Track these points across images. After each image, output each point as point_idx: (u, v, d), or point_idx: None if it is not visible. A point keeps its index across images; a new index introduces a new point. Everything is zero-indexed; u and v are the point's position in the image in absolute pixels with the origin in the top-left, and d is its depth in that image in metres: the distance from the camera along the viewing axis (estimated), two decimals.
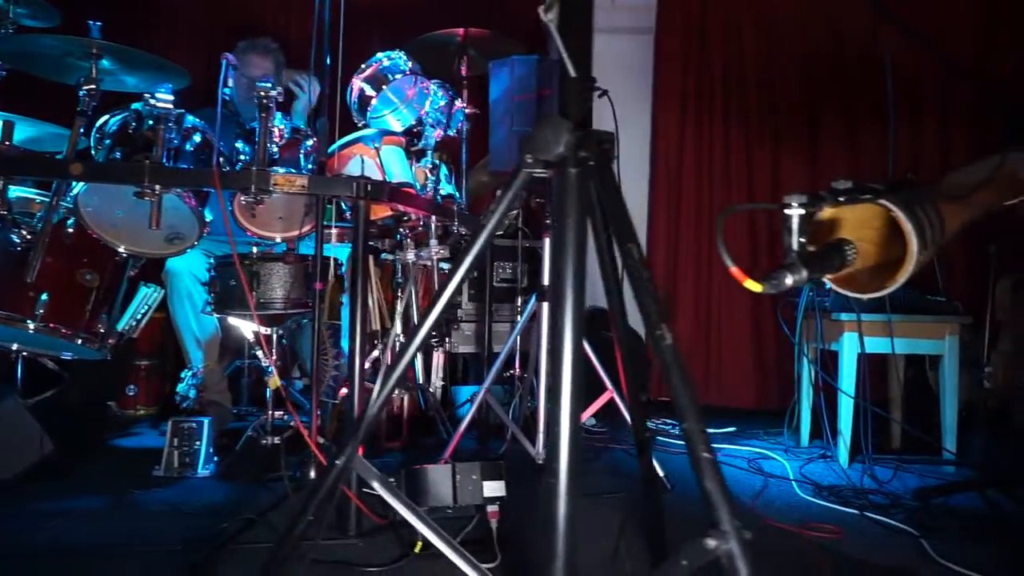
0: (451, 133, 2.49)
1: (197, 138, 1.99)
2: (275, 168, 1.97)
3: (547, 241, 2.51)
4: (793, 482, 2.49)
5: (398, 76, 2.27)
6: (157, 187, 1.75)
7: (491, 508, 1.79)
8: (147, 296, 2.56)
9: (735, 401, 3.93)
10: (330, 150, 2.29)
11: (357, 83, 2.26)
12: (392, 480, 1.81)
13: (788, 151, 3.95)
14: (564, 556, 1.05)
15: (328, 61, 1.92)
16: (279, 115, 1.98)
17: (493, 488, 1.74)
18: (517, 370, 3.11)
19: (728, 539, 0.88)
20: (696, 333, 4.01)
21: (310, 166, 2.04)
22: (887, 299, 2.57)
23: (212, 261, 2.35)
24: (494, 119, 2.44)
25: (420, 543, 1.71)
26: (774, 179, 3.95)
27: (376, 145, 2.20)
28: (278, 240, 2.17)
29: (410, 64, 2.31)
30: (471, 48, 2.71)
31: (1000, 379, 2.42)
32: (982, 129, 3.61)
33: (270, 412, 2.37)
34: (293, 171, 1.87)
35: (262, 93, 1.85)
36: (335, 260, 2.43)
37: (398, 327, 2.84)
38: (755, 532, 1.99)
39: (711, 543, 0.88)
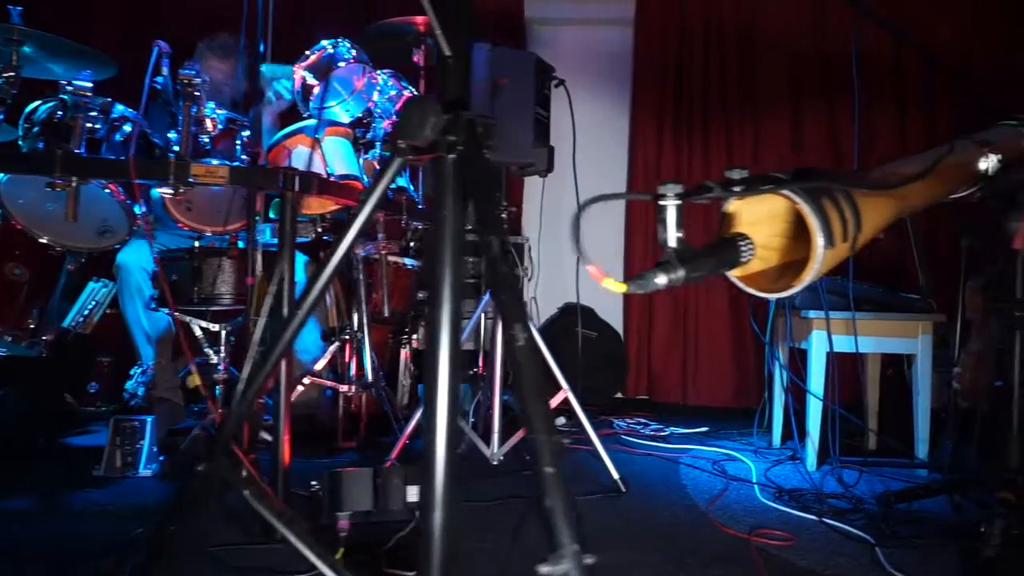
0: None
1: (128, 128, 1.92)
2: (208, 159, 1.91)
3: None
4: (755, 485, 2.41)
5: (342, 65, 2.19)
6: (74, 178, 1.69)
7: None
8: (95, 292, 2.51)
9: (713, 400, 3.85)
10: (272, 141, 2.22)
11: (299, 72, 2.19)
12: (315, 484, 1.77)
13: (769, 148, 3.86)
14: (440, 569, 0.98)
15: (263, 49, 1.85)
16: (211, 104, 1.91)
17: (416, 493, 1.67)
18: (480, 368, 3.03)
19: (564, 563, 0.80)
20: (674, 332, 3.92)
21: (244, 157, 1.97)
22: (852, 296, 2.47)
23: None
24: None
25: (343, 549, 1.64)
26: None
27: (318, 136, 2.13)
28: (208, 233, 2.11)
29: (354, 52, 2.23)
30: (429, 37, 2.63)
31: (968, 380, 2.33)
32: (961, 120, 3.51)
33: (218, 411, 2.31)
34: (221, 163, 1.79)
35: (185, 81, 1.78)
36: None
37: (355, 323, 2.78)
38: (703, 538, 1.93)
39: (545, 569, 0.79)
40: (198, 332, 2.42)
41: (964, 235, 2.28)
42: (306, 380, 2.73)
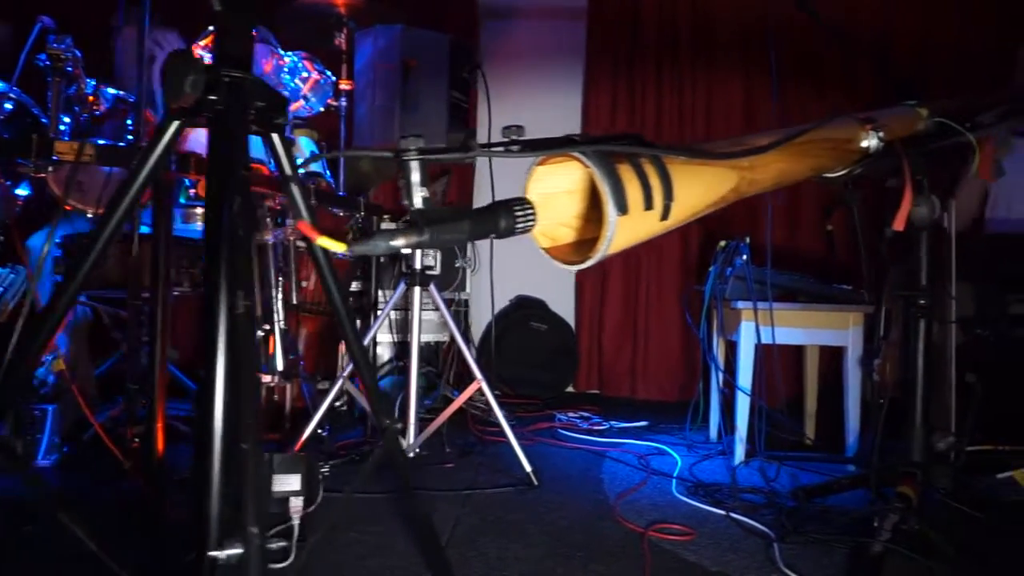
0: (313, 107, 2.35)
1: (8, 106, 1.87)
2: (96, 139, 1.85)
3: None
4: (674, 480, 2.35)
5: None
6: None
7: (294, 504, 1.66)
8: (2, 278, 2.45)
9: (662, 394, 3.78)
10: None
11: (196, 52, 2.13)
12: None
13: (721, 130, 3.78)
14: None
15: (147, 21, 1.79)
16: (92, 81, 1.85)
17: (285, 482, 1.60)
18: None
19: (237, 546, 0.74)
20: (624, 326, 3.86)
21: (130, 137, 1.92)
22: (786, 287, 2.41)
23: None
24: (358, 92, 2.31)
25: None
26: None
27: None
28: (89, 215, 2.05)
29: (253, 32, 2.16)
30: (351, 19, 2.56)
31: (887, 372, 2.26)
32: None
33: (129, 402, 2.26)
34: (93, 141, 1.74)
35: (55, 56, 1.72)
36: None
37: (279, 313, 2.72)
38: (599, 533, 1.87)
39: (215, 553, 0.73)
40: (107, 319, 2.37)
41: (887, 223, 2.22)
42: None
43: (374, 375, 1.26)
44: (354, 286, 3.13)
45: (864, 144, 1.47)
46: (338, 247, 0.70)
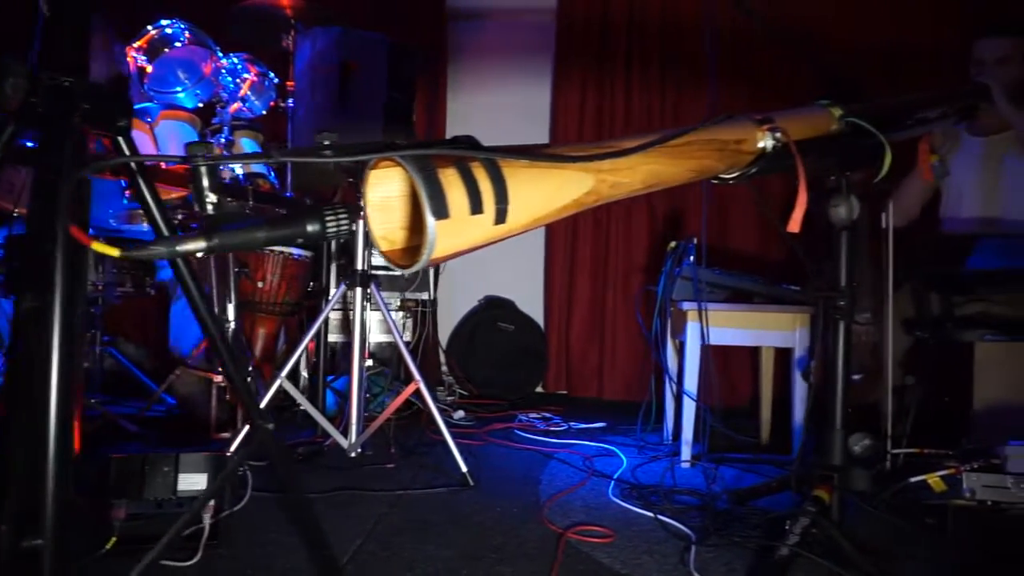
0: (255, 108, 2.36)
1: None
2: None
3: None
4: (613, 481, 2.34)
5: (178, 45, 2.15)
6: None
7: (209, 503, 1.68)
8: None
9: (628, 395, 3.76)
10: None
11: (131, 54, 2.15)
12: None
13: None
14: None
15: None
16: None
17: (191, 482, 1.62)
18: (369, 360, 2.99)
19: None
20: (592, 326, 3.85)
21: None
22: (713, 287, 2.40)
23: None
24: (298, 94, 2.32)
25: (114, 539, 1.60)
26: None
27: (150, 120, 2.09)
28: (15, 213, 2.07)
29: (188, 35, 2.18)
30: (298, 21, 2.57)
31: (819, 373, 2.24)
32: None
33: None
34: None
35: None
36: None
37: (231, 314, 2.74)
38: (519, 534, 1.86)
39: None
40: None
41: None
42: (177, 371, 2.70)
43: (244, 373, 1.27)
44: (311, 285, 3.15)
45: (761, 144, 1.46)
46: (111, 251, 0.71)
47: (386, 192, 1.00)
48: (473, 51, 4.05)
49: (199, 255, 0.75)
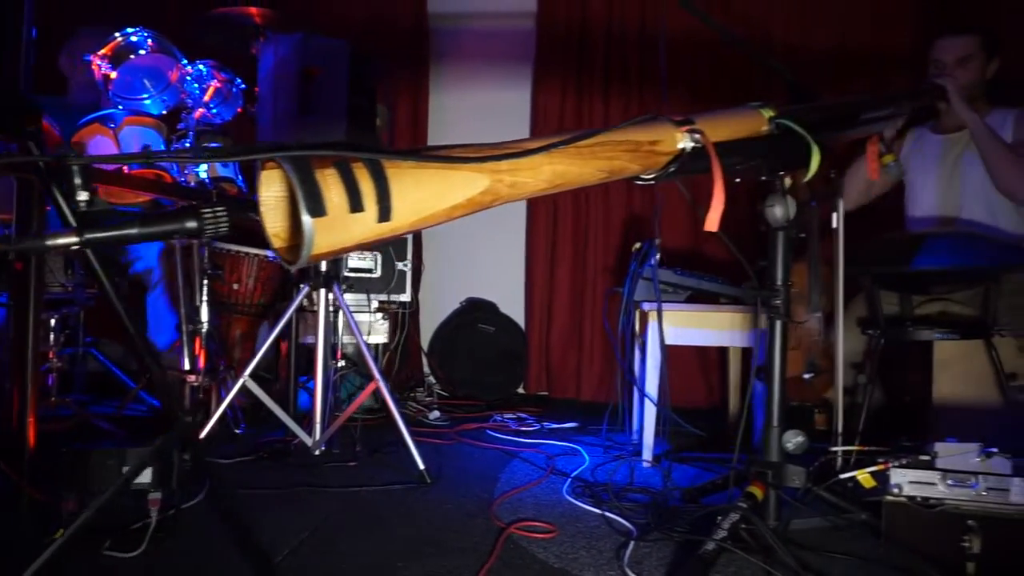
0: (220, 114, 2.42)
1: None
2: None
3: None
4: (570, 479, 2.37)
5: (142, 53, 2.21)
6: None
7: (152, 496, 1.73)
8: None
9: (608, 396, 3.77)
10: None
11: (95, 61, 2.21)
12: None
13: None
14: None
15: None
16: None
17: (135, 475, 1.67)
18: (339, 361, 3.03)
19: None
20: (571, 327, 3.87)
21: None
22: (666, 287, 2.42)
23: None
24: (261, 100, 2.37)
25: (61, 530, 1.65)
26: None
27: (114, 125, 2.15)
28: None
29: (151, 42, 2.25)
30: (267, 29, 2.63)
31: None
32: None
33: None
34: None
35: None
36: None
37: (204, 314, 2.79)
38: (463, 530, 1.90)
39: None
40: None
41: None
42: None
43: (164, 371, 1.31)
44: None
45: (680, 145, 1.49)
46: None
47: (276, 192, 1.04)
48: (455, 54, 4.10)
49: (73, 248, 0.80)
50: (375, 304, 3.48)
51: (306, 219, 0.95)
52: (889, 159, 2.20)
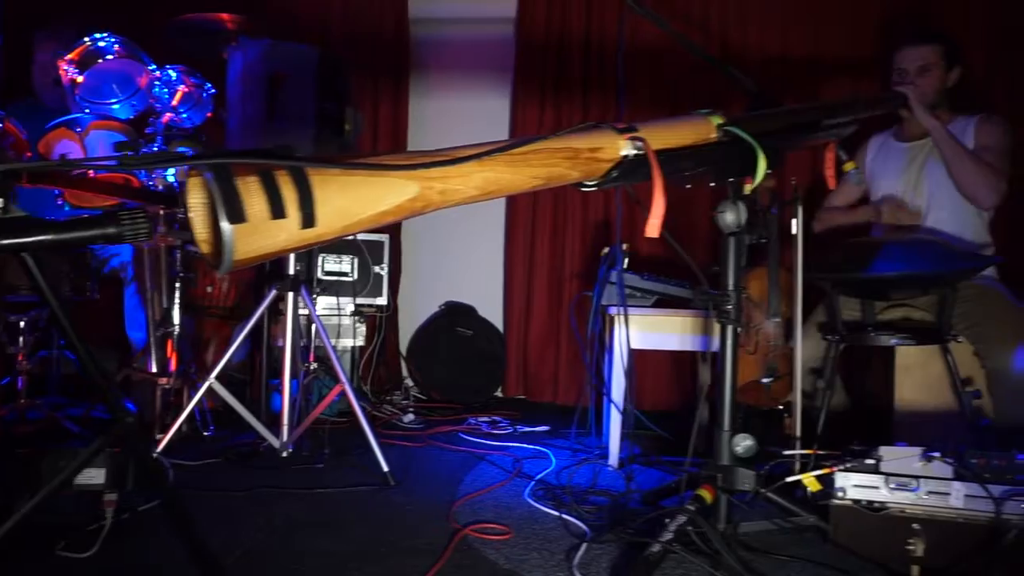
0: (189, 118, 2.44)
1: None
2: None
3: None
4: (533, 481, 2.39)
5: (109, 58, 2.23)
6: None
7: (108, 498, 1.75)
8: None
9: (583, 400, 3.79)
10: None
11: (63, 66, 2.23)
12: None
13: None
14: None
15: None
16: None
17: (87, 476, 1.69)
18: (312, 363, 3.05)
19: None
20: (549, 331, 3.89)
21: None
22: (631, 291, 2.44)
23: None
24: (230, 105, 2.40)
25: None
26: None
27: (80, 130, 2.17)
28: None
29: (118, 47, 2.27)
30: (239, 34, 2.66)
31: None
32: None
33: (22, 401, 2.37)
34: None
35: None
36: None
37: (175, 317, 2.81)
38: (420, 530, 1.91)
39: None
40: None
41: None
42: (121, 373, 2.78)
43: (106, 373, 1.33)
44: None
45: (623, 153, 1.51)
46: None
47: (200, 199, 1.06)
48: (436, 58, 4.12)
49: None
50: (351, 308, 3.50)
51: (225, 225, 0.97)
52: (850, 166, 2.22)
